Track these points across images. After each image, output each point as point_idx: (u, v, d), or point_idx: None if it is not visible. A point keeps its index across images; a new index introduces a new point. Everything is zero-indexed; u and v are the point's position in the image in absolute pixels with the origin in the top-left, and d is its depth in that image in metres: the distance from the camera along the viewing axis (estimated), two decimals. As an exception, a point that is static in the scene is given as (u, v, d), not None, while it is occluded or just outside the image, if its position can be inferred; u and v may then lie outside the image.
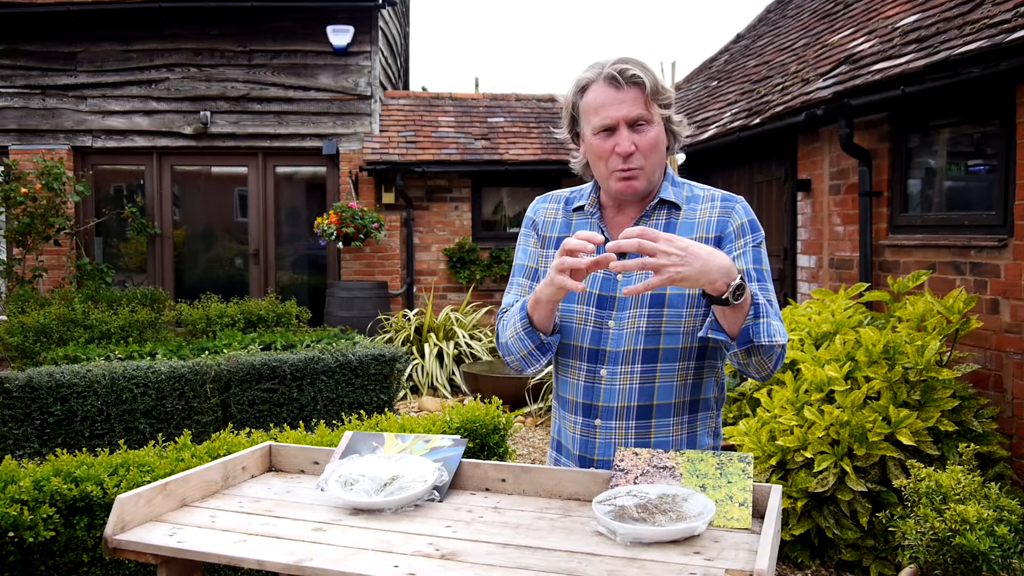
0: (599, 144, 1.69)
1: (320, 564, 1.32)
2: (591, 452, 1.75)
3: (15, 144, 8.86)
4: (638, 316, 1.69)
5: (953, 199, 4.61)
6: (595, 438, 1.74)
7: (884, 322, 4.05)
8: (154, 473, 2.66)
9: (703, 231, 1.71)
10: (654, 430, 1.72)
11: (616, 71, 1.65)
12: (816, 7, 8.10)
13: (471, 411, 3.45)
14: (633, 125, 1.66)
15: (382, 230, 8.66)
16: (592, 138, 1.70)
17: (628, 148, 1.65)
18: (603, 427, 1.73)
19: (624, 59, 1.67)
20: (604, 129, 1.67)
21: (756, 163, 6.66)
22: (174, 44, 8.96)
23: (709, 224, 1.72)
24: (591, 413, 1.74)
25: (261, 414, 4.98)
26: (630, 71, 1.65)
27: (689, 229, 1.72)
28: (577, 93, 1.72)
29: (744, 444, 3.68)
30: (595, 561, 1.32)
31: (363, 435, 1.83)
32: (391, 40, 10.81)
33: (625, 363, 1.69)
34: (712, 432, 1.80)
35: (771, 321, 1.56)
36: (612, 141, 1.67)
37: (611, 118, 1.65)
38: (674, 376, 1.70)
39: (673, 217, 1.74)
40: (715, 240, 1.70)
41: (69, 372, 4.61)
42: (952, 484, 2.82)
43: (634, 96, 1.65)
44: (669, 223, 1.73)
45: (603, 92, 1.66)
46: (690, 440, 1.75)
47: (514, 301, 1.85)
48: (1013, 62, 3.64)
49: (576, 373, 1.75)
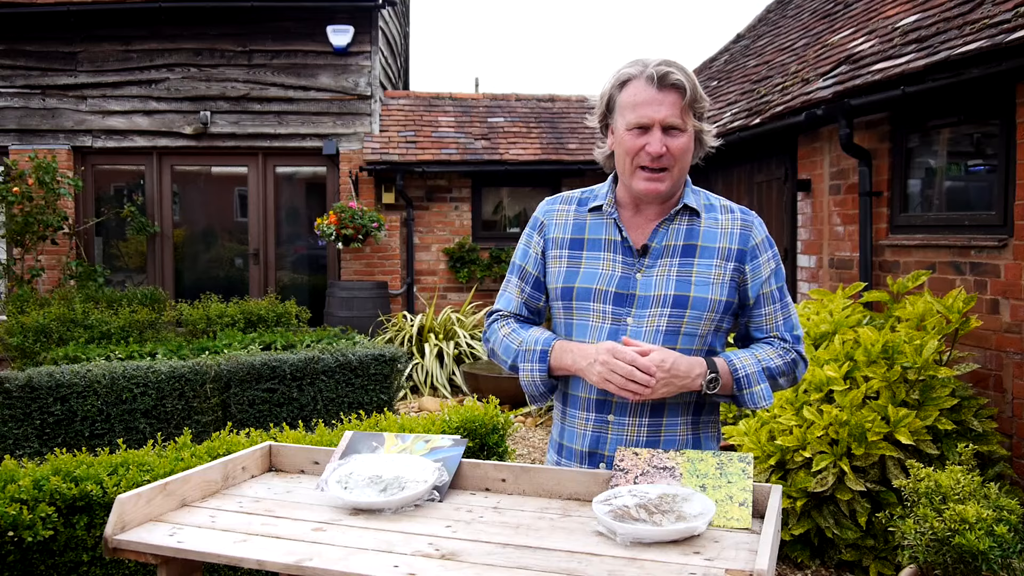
0: (631, 140, 1.70)
1: (320, 564, 1.32)
2: (601, 448, 1.75)
3: (15, 144, 8.86)
4: (659, 315, 1.71)
5: (953, 199, 4.61)
6: (607, 433, 1.74)
7: (883, 322, 4.05)
8: (154, 473, 2.66)
9: (727, 241, 1.76)
10: (664, 429, 1.74)
11: (659, 72, 1.66)
12: (816, 7, 8.10)
13: (471, 411, 3.45)
14: (667, 129, 1.68)
15: (382, 230, 8.65)
16: (624, 133, 1.71)
17: (659, 149, 1.67)
18: (616, 423, 1.73)
19: (669, 62, 1.69)
20: (638, 126, 1.69)
21: (756, 163, 6.66)
22: (174, 44, 8.96)
23: (732, 236, 1.76)
24: (604, 409, 1.74)
25: (261, 414, 4.98)
26: (674, 75, 1.66)
27: (712, 236, 1.76)
28: (616, 86, 1.73)
29: (744, 444, 3.68)
30: (595, 561, 1.32)
31: (363, 435, 1.83)
32: (391, 40, 10.81)
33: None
34: (715, 437, 1.83)
35: (754, 391, 1.73)
36: (644, 139, 1.68)
37: (647, 117, 1.67)
38: None
39: (695, 224, 1.77)
40: (738, 252, 1.75)
41: (69, 372, 4.61)
42: (951, 484, 2.82)
43: (673, 100, 1.67)
44: (691, 229, 1.76)
45: (643, 90, 1.68)
46: (695, 442, 1.78)
47: (507, 305, 1.87)
48: (1013, 62, 3.64)
49: None
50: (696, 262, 1.73)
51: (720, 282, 1.73)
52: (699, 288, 1.71)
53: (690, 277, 1.72)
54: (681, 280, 1.71)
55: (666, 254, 1.74)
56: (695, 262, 1.73)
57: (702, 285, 1.71)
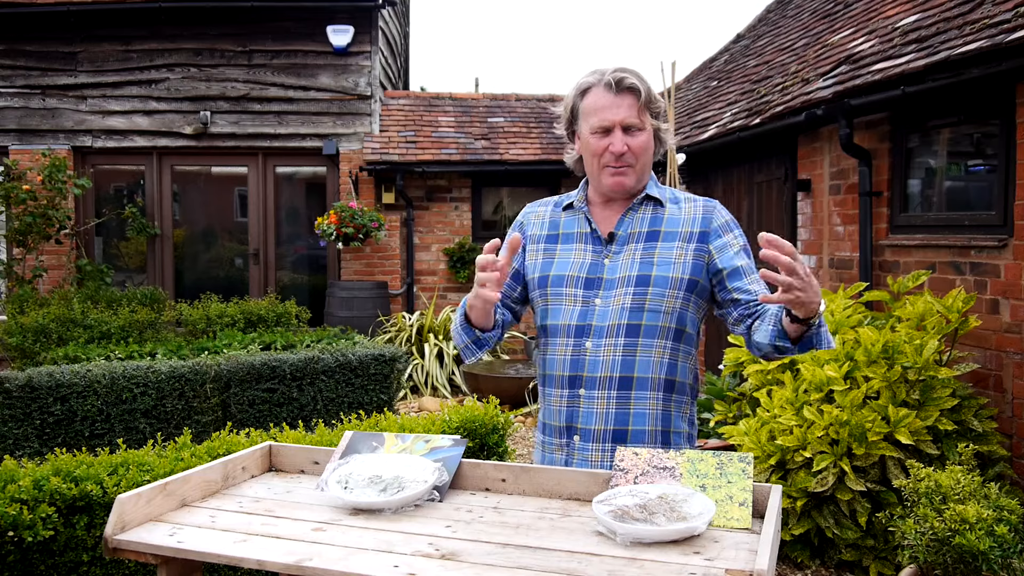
0: (595, 142, 1.86)
1: (320, 564, 1.32)
2: (575, 421, 1.86)
3: (15, 144, 8.86)
4: (624, 294, 1.83)
5: (953, 199, 4.61)
6: (579, 407, 1.85)
7: (883, 322, 4.05)
8: (154, 473, 2.66)
9: (689, 226, 1.88)
10: (633, 402, 1.83)
11: (615, 78, 1.83)
12: (816, 7, 8.10)
13: (471, 411, 3.45)
14: (627, 129, 1.84)
15: (382, 230, 8.65)
16: (589, 136, 1.87)
17: (621, 148, 1.83)
18: (587, 396, 1.84)
19: (623, 68, 1.85)
20: (600, 129, 1.85)
21: (756, 163, 6.66)
22: (174, 44, 8.96)
23: (695, 220, 1.88)
24: (576, 384, 1.85)
25: (261, 414, 4.98)
26: (628, 80, 1.83)
27: (674, 222, 1.89)
28: (578, 95, 1.90)
29: (744, 444, 3.68)
30: (595, 561, 1.32)
31: (363, 435, 1.83)
32: (391, 40, 10.81)
33: (609, 336, 1.82)
34: (687, 419, 1.91)
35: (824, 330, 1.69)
36: (607, 140, 1.84)
37: (608, 120, 1.83)
38: (652, 352, 1.82)
39: (659, 212, 1.91)
40: (700, 234, 1.86)
41: (69, 372, 4.61)
42: (952, 484, 2.82)
43: (630, 103, 1.83)
44: (655, 217, 1.90)
45: (602, 96, 1.84)
46: (665, 419, 1.85)
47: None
48: (1013, 62, 3.64)
49: (563, 349, 1.87)
50: (659, 245, 1.86)
51: (682, 261, 1.84)
52: (661, 268, 1.83)
53: (653, 259, 1.85)
54: (645, 262, 1.85)
55: (632, 240, 1.88)
56: (658, 246, 1.86)
57: (664, 265, 1.84)
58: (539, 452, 1.97)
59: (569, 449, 1.87)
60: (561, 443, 1.88)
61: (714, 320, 7.59)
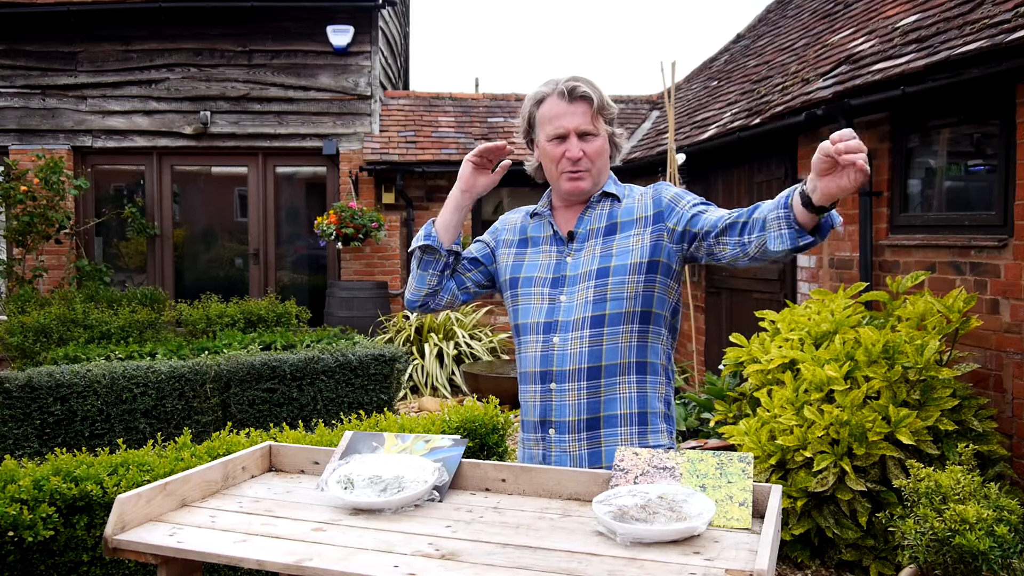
0: (552, 149, 1.94)
1: (320, 564, 1.32)
2: (548, 415, 1.90)
3: (15, 144, 8.86)
4: (586, 288, 1.89)
5: (953, 199, 4.61)
6: (552, 401, 1.89)
7: (883, 322, 4.05)
8: (154, 473, 2.66)
9: (642, 211, 1.94)
10: (603, 389, 1.87)
11: (569, 87, 1.89)
12: (816, 7, 8.09)
13: (470, 411, 3.45)
14: (582, 136, 1.90)
15: (382, 230, 8.65)
16: (546, 144, 1.95)
17: (577, 153, 1.90)
18: (558, 390, 1.88)
19: (576, 77, 1.93)
20: (557, 137, 1.92)
21: (756, 163, 6.66)
22: (174, 44, 8.96)
23: (646, 205, 1.95)
24: (547, 379, 1.89)
25: (261, 414, 4.98)
26: (581, 88, 1.89)
27: (629, 212, 1.96)
28: (534, 105, 1.97)
29: (744, 444, 3.68)
30: (595, 561, 1.32)
31: (363, 435, 1.83)
32: (391, 40, 10.80)
33: (575, 329, 1.87)
34: (663, 399, 1.94)
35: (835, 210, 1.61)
36: (563, 147, 1.92)
37: (563, 127, 1.90)
38: (619, 338, 1.86)
39: (615, 207, 1.97)
40: (655, 215, 1.91)
41: (69, 372, 4.61)
42: (952, 484, 2.82)
43: (583, 110, 1.90)
44: (612, 211, 1.97)
45: (556, 105, 1.91)
46: (641, 400, 1.88)
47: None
48: (1013, 62, 3.64)
49: (533, 346, 1.92)
50: (617, 237, 1.92)
51: (639, 247, 1.89)
52: (619, 258, 1.89)
53: (612, 251, 1.91)
54: (604, 255, 1.91)
55: (591, 236, 1.95)
56: (616, 238, 1.92)
57: (622, 254, 1.89)
58: (520, 449, 2.01)
59: (545, 443, 1.90)
60: (537, 437, 1.92)
61: (714, 320, 7.58)
